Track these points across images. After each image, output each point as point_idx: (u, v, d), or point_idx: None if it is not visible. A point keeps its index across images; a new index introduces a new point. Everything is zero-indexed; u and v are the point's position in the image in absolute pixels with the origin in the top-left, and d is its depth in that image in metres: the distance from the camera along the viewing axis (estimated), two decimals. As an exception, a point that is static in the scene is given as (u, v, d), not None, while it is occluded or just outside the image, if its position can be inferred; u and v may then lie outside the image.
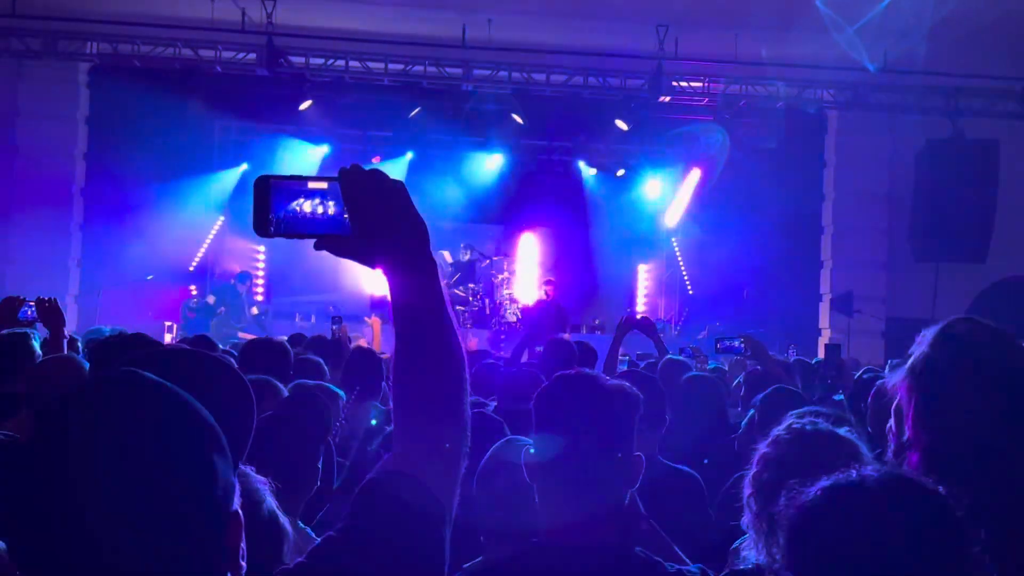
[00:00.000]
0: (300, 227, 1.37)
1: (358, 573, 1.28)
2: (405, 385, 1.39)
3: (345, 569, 1.28)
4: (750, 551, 2.08)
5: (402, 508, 1.31)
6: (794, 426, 2.19)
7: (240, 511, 1.15)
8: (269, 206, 1.37)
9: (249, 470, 2.05)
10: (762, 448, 2.19)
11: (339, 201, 1.36)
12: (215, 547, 1.10)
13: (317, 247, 1.37)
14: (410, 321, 1.38)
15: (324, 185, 1.37)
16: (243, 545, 1.18)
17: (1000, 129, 12.93)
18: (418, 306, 1.38)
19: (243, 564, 1.22)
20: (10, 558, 1.04)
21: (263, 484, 2.11)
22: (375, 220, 1.35)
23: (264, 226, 1.37)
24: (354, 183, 1.35)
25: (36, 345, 4.35)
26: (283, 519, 2.19)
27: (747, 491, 2.15)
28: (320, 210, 1.37)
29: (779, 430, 2.21)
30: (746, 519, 2.13)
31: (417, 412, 1.38)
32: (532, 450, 1.99)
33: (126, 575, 1.02)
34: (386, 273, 1.37)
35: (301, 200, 1.37)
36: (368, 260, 1.38)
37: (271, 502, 2.13)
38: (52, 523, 1.01)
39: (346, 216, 1.35)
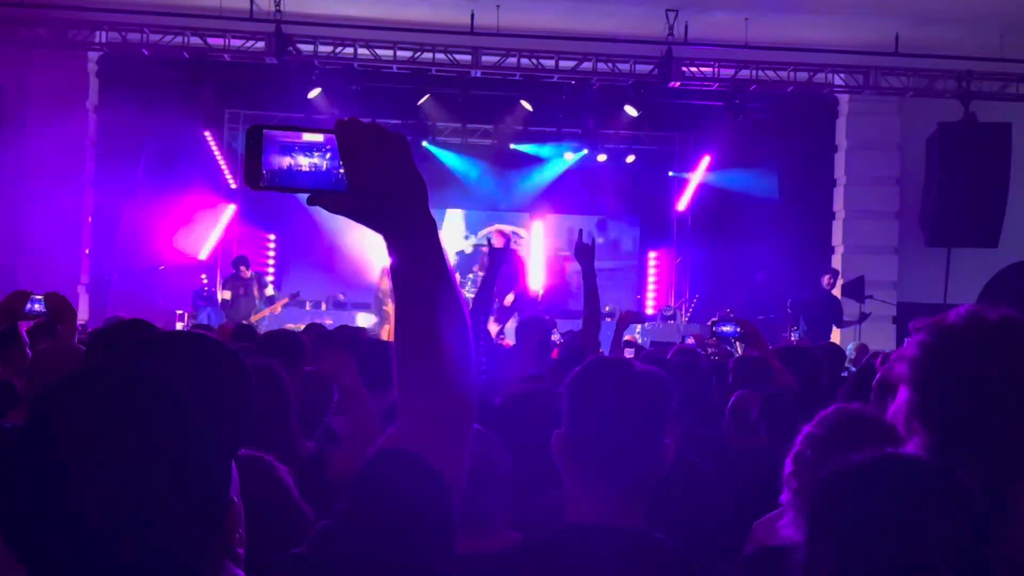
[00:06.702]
0: (293, 181, 1.29)
1: (359, 561, 1.21)
2: (407, 351, 1.30)
3: (345, 557, 1.22)
4: (787, 529, 2.09)
5: (404, 489, 1.22)
6: (840, 406, 2.22)
7: (236, 499, 1.13)
8: (261, 158, 1.29)
9: (272, 459, 2.06)
10: (806, 428, 2.21)
11: (335, 155, 1.28)
12: (210, 537, 1.08)
13: (310, 202, 1.28)
14: (410, 283, 1.30)
15: (320, 138, 1.29)
16: (241, 532, 1.17)
17: (1012, 112, 12.81)
18: (418, 266, 1.29)
19: (241, 552, 1.20)
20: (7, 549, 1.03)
21: (287, 474, 2.11)
22: (371, 175, 1.26)
23: (255, 178, 1.29)
24: (351, 136, 1.27)
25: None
26: (305, 507, 2.20)
27: (788, 468, 2.16)
28: (315, 164, 1.29)
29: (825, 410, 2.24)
30: (785, 497, 2.14)
31: (420, 380, 1.29)
32: (564, 432, 2.00)
33: (121, 566, 1.01)
34: (383, 233, 1.29)
35: (295, 153, 1.29)
36: (363, 218, 1.28)
37: (294, 491, 2.13)
38: (47, 511, 1.00)
39: (341, 171, 1.27)
